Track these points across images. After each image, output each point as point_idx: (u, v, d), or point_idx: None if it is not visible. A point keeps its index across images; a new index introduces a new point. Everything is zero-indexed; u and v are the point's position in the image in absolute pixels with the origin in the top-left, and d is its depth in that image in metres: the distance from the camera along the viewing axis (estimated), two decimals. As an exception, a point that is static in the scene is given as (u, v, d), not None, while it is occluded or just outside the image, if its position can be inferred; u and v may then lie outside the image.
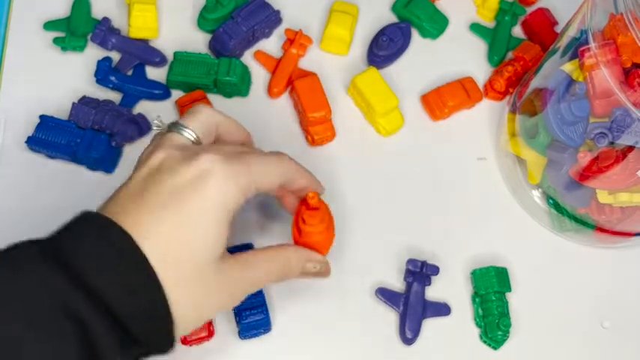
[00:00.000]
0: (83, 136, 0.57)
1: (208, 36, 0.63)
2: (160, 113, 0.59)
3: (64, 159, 0.58)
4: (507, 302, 0.55)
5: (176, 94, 0.61)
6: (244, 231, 0.56)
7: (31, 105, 0.60)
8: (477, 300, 0.55)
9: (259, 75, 0.63)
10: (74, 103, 0.58)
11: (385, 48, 0.63)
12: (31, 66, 0.62)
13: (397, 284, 0.56)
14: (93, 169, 0.58)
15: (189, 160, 0.41)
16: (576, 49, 0.51)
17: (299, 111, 0.61)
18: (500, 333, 0.54)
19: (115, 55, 0.62)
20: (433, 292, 0.56)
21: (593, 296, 0.57)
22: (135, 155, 0.59)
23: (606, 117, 0.49)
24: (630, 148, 0.49)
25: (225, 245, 0.42)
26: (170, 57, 0.62)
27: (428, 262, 0.55)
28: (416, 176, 0.60)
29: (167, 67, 0.62)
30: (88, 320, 0.37)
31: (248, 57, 0.64)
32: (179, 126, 0.45)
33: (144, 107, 0.61)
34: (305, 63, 0.63)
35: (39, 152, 0.58)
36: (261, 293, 0.54)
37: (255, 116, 0.62)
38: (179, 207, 0.40)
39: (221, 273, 0.42)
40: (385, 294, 0.55)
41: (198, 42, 0.63)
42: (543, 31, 0.65)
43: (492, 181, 0.61)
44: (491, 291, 0.55)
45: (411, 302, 0.55)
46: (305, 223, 0.49)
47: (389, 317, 0.55)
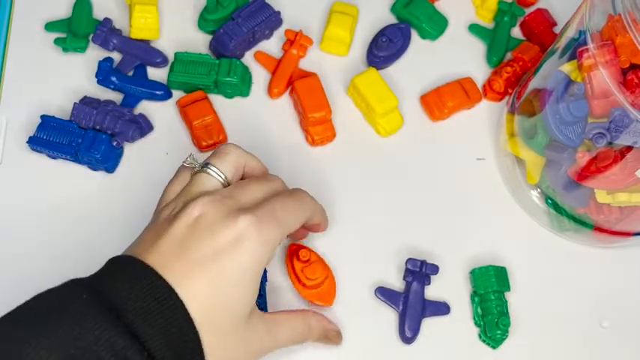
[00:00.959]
0: (84, 137, 0.58)
1: (209, 37, 0.64)
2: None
3: (66, 159, 0.58)
4: (506, 301, 0.55)
5: (177, 95, 0.62)
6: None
7: (33, 105, 0.60)
8: (476, 299, 0.55)
9: (260, 75, 0.63)
10: (75, 104, 0.58)
11: (385, 49, 0.63)
12: (33, 67, 0.62)
13: (396, 283, 0.56)
14: (94, 169, 0.59)
15: (226, 222, 0.44)
16: (575, 50, 0.51)
17: (299, 111, 0.61)
18: (499, 332, 0.54)
19: (116, 56, 0.62)
20: (432, 292, 0.56)
21: (591, 296, 0.57)
22: (135, 155, 0.60)
23: (605, 117, 0.49)
24: (629, 148, 0.49)
25: (254, 302, 0.45)
26: (171, 57, 0.62)
27: (427, 262, 0.55)
28: (415, 176, 0.60)
29: (168, 68, 0.62)
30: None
31: (248, 58, 0.64)
32: (211, 168, 0.48)
33: (145, 108, 0.61)
34: (305, 63, 0.63)
35: (40, 152, 0.58)
36: (262, 296, 0.54)
37: (255, 116, 0.62)
38: (217, 267, 0.43)
39: (250, 329, 0.45)
40: (385, 293, 0.55)
41: (198, 43, 0.64)
42: (542, 32, 0.65)
43: (491, 181, 0.61)
44: (490, 290, 0.55)
45: (411, 301, 0.55)
46: (308, 279, 0.53)
47: (388, 316, 0.55)
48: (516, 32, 0.66)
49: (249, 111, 0.62)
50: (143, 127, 0.59)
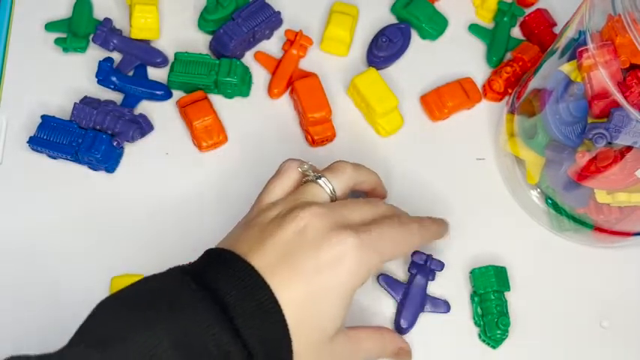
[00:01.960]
0: (85, 136, 0.58)
1: (209, 37, 0.64)
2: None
3: (66, 159, 0.58)
4: (506, 301, 0.55)
5: (177, 95, 0.62)
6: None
7: (33, 105, 0.60)
8: (476, 299, 0.56)
9: (260, 76, 0.63)
10: (76, 104, 0.59)
11: (385, 49, 0.63)
12: (33, 67, 0.62)
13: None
14: (94, 169, 0.59)
15: (331, 237, 0.45)
16: (575, 50, 0.51)
17: (299, 111, 0.61)
18: (499, 332, 0.54)
19: (117, 56, 0.62)
20: (432, 290, 0.56)
21: (591, 296, 0.57)
22: (135, 155, 0.60)
23: (604, 117, 0.49)
24: (628, 148, 0.49)
25: (344, 320, 0.46)
26: (171, 58, 0.62)
27: (433, 257, 0.55)
28: (415, 176, 0.60)
29: (168, 68, 0.62)
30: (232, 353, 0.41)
31: (248, 58, 0.64)
32: (325, 182, 0.49)
33: (145, 108, 0.61)
34: (305, 64, 0.63)
35: (41, 152, 0.58)
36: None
37: (255, 117, 0.62)
38: (317, 280, 0.44)
39: (336, 345, 0.46)
40: (387, 281, 0.56)
41: (198, 43, 0.64)
42: (542, 32, 0.65)
43: (491, 181, 0.61)
44: (490, 290, 0.55)
45: (412, 293, 0.55)
46: None
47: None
48: (516, 32, 0.66)
49: (249, 111, 0.62)
50: (143, 127, 0.60)
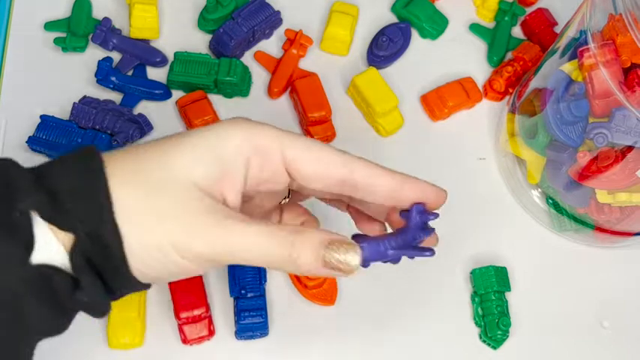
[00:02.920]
0: (84, 136, 0.57)
1: (209, 36, 0.63)
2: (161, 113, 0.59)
3: (65, 159, 0.58)
4: (507, 302, 0.55)
5: (177, 95, 0.61)
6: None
7: (32, 105, 0.60)
8: (477, 299, 0.55)
9: (259, 75, 0.63)
10: (75, 103, 0.58)
11: (385, 48, 0.63)
12: (32, 66, 0.62)
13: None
14: (93, 169, 0.59)
15: None
16: (575, 50, 0.51)
17: (299, 111, 0.61)
18: (499, 332, 0.54)
19: (116, 56, 0.62)
20: (433, 291, 0.56)
21: (592, 296, 0.57)
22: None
23: (605, 117, 0.49)
24: (629, 148, 0.49)
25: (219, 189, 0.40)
26: (171, 57, 0.62)
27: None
28: (415, 176, 0.60)
29: (168, 68, 0.62)
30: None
31: (248, 57, 0.64)
32: None
33: (145, 107, 0.61)
34: (305, 63, 0.63)
35: (40, 152, 0.58)
36: (262, 297, 0.54)
37: (255, 116, 0.61)
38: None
39: (207, 214, 0.38)
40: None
41: (198, 42, 0.64)
42: (543, 32, 0.65)
43: (492, 181, 0.61)
44: (490, 290, 0.55)
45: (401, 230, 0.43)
46: (309, 279, 0.53)
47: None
48: (517, 32, 0.66)
49: (248, 111, 0.61)
50: (143, 127, 0.59)
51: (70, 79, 0.61)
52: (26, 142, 0.58)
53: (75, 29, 0.62)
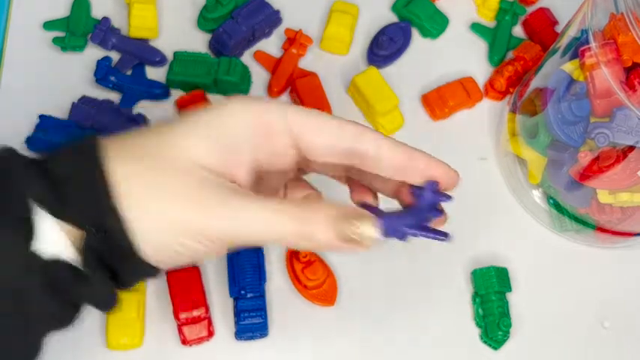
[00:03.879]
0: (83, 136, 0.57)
1: (208, 35, 0.63)
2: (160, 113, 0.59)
3: (64, 159, 0.58)
4: (508, 302, 0.55)
5: (176, 94, 0.61)
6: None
7: (31, 104, 0.60)
8: (477, 300, 0.55)
9: (259, 75, 0.63)
10: (74, 103, 0.58)
11: (385, 48, 0.63)
12: (31, 66, 0.62)
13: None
14: (93, 169, 0.58)
15: None
16: (577, 49, 0.51)
17: (299, 111, 0.61)
18: (500, 333, 0.54)
19: (115, 55, 0.62)
20: (433, 292, 0.56)
21: (593, 296, 0.57)
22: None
23: (607, 117, 0.49)
24: (631, 148, 0.49)
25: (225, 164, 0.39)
26: (170, 56, 0.62)
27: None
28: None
29: (167, 67, 0.62)
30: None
31: (248, 57, 0.63)
32: None
33: (144, 107, 0.61)
34: (305, 63, 0.63)
35: (39, 152, 0.58)
36: (262, 297, 0.54)
37: (255, 116, 0.61)
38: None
39: (213, 187, 0.38)
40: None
41: (198, 42, 0.63)
42: (544, 31, 0.65)
43: (492, 181, 0.61)
44: (491, 291, 0.54)
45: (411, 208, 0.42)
46: (309, 279, 0.53)
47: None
48: (518, 31, 0.66)
49: (248, 110, 0.62)
50: (142, 127, 0.59)
51: (69, 79, 0.61)
52: (25, 142, 0.58)
53: (74, 29, 0.62)
